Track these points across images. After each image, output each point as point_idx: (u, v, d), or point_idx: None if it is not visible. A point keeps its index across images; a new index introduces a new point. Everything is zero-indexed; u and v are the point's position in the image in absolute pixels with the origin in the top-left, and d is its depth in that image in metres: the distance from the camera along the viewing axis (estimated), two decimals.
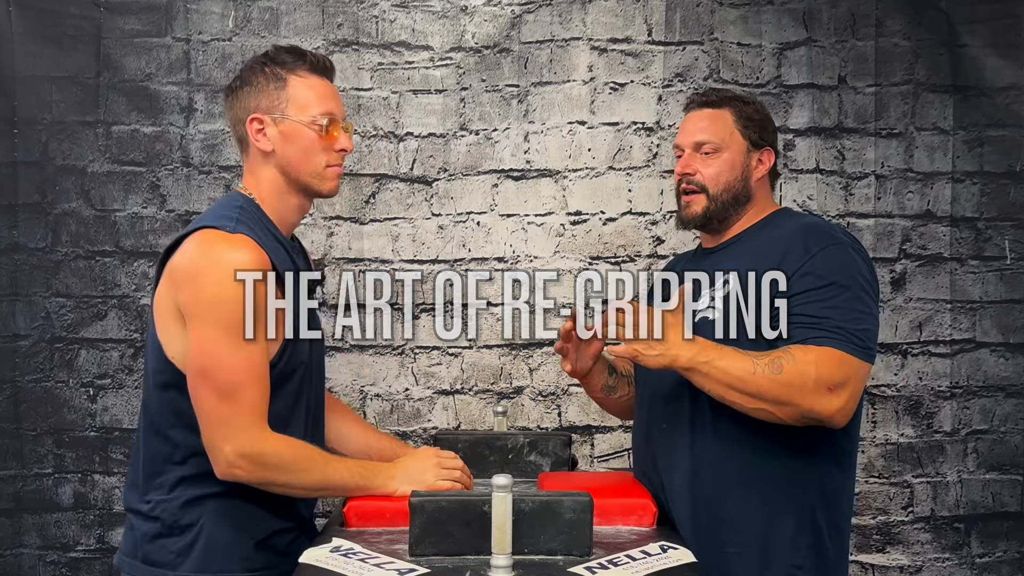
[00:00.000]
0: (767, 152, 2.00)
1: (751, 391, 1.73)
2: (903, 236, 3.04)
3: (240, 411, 1.64)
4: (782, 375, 1.71)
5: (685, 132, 2.01)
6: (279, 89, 1.77)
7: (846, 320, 1.76)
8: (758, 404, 1.74)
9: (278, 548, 1.74)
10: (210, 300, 1.64)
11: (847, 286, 1.80)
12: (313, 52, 1.82)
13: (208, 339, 1.64)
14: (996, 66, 3.03)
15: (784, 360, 1.72)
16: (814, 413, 1.74)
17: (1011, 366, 3.07)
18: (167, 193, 3.01)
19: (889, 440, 3.04)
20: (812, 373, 1.71)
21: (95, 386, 3.01)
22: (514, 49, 3.01)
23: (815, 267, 1.81)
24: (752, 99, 2.08)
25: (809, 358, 1.73)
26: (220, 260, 1.65)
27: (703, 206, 1.97)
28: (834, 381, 1.73)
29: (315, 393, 1.86)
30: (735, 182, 1.96)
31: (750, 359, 1.74)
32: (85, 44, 2.98)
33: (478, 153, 3.02)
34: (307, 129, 1.77)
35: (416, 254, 3.02)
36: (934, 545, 3.04)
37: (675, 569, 1.50)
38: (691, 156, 1.98)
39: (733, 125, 1.97)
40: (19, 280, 2.99)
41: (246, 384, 1.64)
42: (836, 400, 1.73)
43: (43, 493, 2.99)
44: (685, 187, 1.99)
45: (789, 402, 1.73)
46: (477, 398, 3.01)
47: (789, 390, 1.72)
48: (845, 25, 3.02)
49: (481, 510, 1.46)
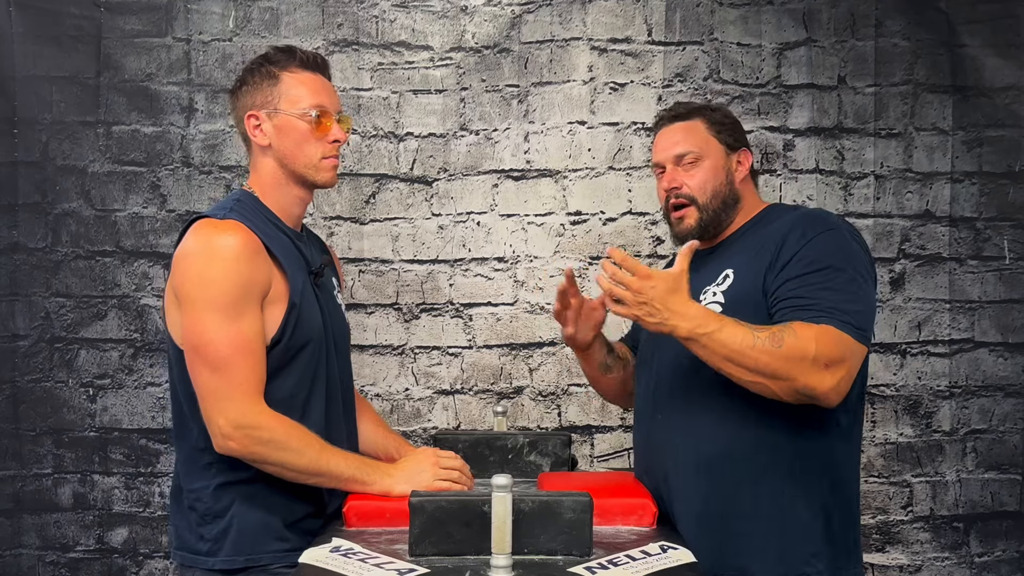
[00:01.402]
0: (744, 152, 2.02)
1: (750, 365, 1.72)
2: (902, 236, 3.05)
3: (232, 384, 1.69)
4: (782, 349, 1.71)
5: (662, 148, 2.02)
6: (272, 86, 1.85)
7: (841, 301, 1.77)
8: (755, 377, 1.74)
9: (312, 530, 1.77)
10: (198, 280, 1.72)
11: (842, 269, 1.81)
12: (304, 49, 1.89)
13: (198, 317, 1.71)
14: (996, 66, 3.03)
15: (785, 334, 1.73)
16: (809, 389, 1.74)
17: (1010, 366, 3.07)
18: (167, 193, 3.01)
19: (888, 440, 3.04)
20: (812, 349, 1.72)
21: (95, 386, 3.01)
22: (514, 49, 3.01)
23: (810, 251, 1.82)
24: (717, 105, 2.11)
25: (809, 334, 1.73)
26: (207, 242, 1.73)
27: (696, 218, 1.98)
28: (831, 358, 1.73)
29: (336, 377, 1.88)
30: (721, 187, 1.98)
31: (751, 332, 1.73)
32: (85, 44, 2.98)
33: (478, 153, 3.02)
34: (299, 121, 1.84)
35: (416, 254, 3.02)
36: (933, 544, 3.05)
37: (675, 569, 1.50)
38: (673, 170, 2.00)
39: (707, 132, 2.00)
40: (19, 280, 2.99)
41: (236, 358, 1.69)
42: (831, 377, 1.74)
43: (42, 493, 2.99)
44: (674, 202, 2.00)
45: (787, 376, 1.73)
46: (477, 398, 3.01)
47: (788, 364, 1.72)
48: (845, 25, 3.02)
49: (481, 510, 1.46)
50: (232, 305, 1.70)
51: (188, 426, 1.80)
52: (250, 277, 1.72)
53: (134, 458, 3.00)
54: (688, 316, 1.73)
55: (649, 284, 1.72)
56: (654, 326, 1.75)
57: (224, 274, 1.70)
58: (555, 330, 2.99)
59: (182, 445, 1.83)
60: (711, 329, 1.73)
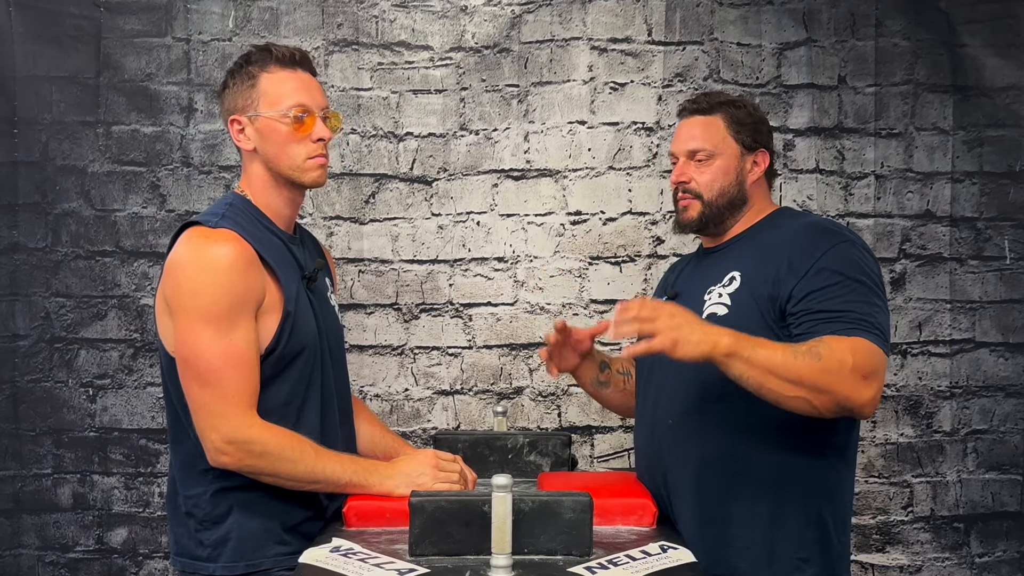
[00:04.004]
0: (761, 154, 2.01)
1: (792, 378, 1.70)
2: (903, 236, 3.05)
3: (223, 398, 1.67)
4: (822, 362, 1.70)
5: (679, 140, 2.03)
6: (251, 88, 1.81)
7: (867, 313, 1.78)
8: (797, 392, 1.71)
9: (312, 533, 1.76)
10: (189, 291, 1.69)
11: (861, 281, 1.81)
12: (281, 46, 1.84)
13: (188, 329, 1.69)
14: (996, 66, 3.03)
15: (821, 348, 1.72)
16: (850, 402, 1.73)
17: (1011, 366, 3.07)
18: (167, 193, 3.01)
19: (889, 440, 3.04)
20: (849, 361, 1.71)
21: (94, 386, 3.01)
22: (514, 49, 3.01)
23: (829, 263, 1.81)
24: (744, 101, 2.08)
25: (844, 347, 1.72)
26: (200, 253, 1.70)
27: (698, 211, 1.99)
28: (868, 369, 1.73)
29: (333, 382, 1.87)
30: (729, 187, 1.98)
31: (789, 347, 1.72)
32: (85, 44, 2.98)
33: (478, 153, 3.02)
34: (279, 123, 1.80)
35: (416, 254, 3.02)
36: (934, 545, 3.04)
37: (675, 569, 1.50)
38: (685, 164, 2.00)
39: (725, 131, 1.99)
40: (19, 280, 2.99)
41: (227, 371, 1.67)
42: (869, 389, 1.73)
43: (42, 493, 2.99)
44: (680, 196, 2.02)
45: (828, 390, 1.71)
46: (477, 398, 3.01)
47: (829, 377, 1.70)
48: (845, 25, 3.02)
49: (481, 510, 1.46)
50: (224, 317, 1.67)
51: (183, 431, 1.78)
52: (244, 289, 1.69)
53: (134, 458, 3.00)
54: (725, 332, 1.70)
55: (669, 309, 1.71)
56: (694, 346, 1.67)
57: (216, 286, 1.67)
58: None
59: (178, 450, 1.81)
60: (748, 344, 1.70)
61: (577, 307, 2.99)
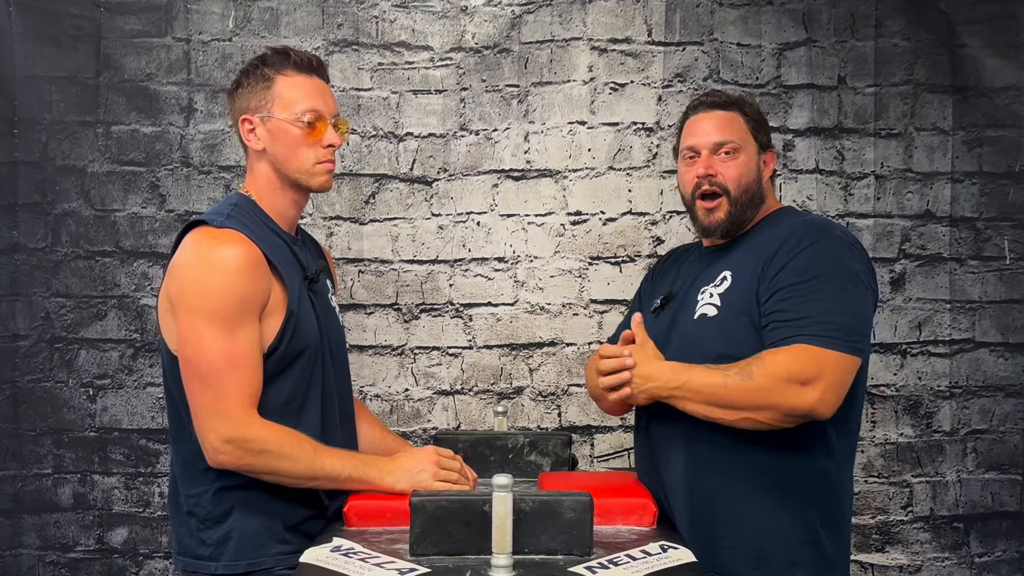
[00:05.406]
0: (771, 154, 2.01)
1: (727, 403, 1.76)
2: (902, 236, 3.05)
3: (223, 398, 1.68)
4: (752, 381, 1.74)
5: (702, 133, 1.96)
6: (266, 89, 1.82)
7: (825, 313, 1.76)
8: (740, 415, 1.76)
9: (313, 532, 1.76)
10: (196, 291, 1.70)
11: (831, 279, 1.79)
12: (299, 51, 1.86)
13: (192, 328, 1.69)
14: (995, 66, 3.03)
15: (754, 366, 1.74)
16: (796, 410, 1.75)
17: (1010, 366, 3.07)
18: (167, 193, 3.01)
19: (888, 440, 3.04)
20: (783, 373, 1.73)
21: (95, 386, 3.01)
22: (514, 49, 3.01)
23: (800, 262, 1.81)
24: (751, 100, 2.07)
25: (779, 359, 1.74)
26: (208, 253, 1.71)
27: (726, 211, 1.93)
28: (805, 376, 1.73)
29: (334, 382, 1.88)
30: (752, 184, 1.95)
31: (720, 372, 1.76)
32: (85, 44, 2.98)
33: (478, 153, 3.02)
34: (292, 127, 1.81)
35: (416, 254, 3.02)
36: (933, 545, 3.05)
37: (675, 569, 1.50)
38: (709, 158, 1.94)
39: (746, 127, 1.96)
40: (19, 280, 2.99)
41: (228, 372, 1.68)
42: (812, 392, 1.73)
43: (42, 493, 2.99)
44: (706, 189, 1.94)
45: (767, 405, 1.74)
46: (477, 398, 3.01)
47: (764, 394, 1.73)
48: (845, 25, 3.02)
49: (481, 510, 1.46)
50: (229, 318, 1.68)
51: (185, 431, 1.78)
52: (250, 290, 1.70)
53: (134, 458, 3.00)
54: (658, 376, 1.82)
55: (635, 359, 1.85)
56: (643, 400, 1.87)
57: (223, 287, 1.68)
58: (555, 330, 2.99)
59: (179, 449, 1.82)
60: (682, 381, 1.79)
61: (577, 307, 2.99)
